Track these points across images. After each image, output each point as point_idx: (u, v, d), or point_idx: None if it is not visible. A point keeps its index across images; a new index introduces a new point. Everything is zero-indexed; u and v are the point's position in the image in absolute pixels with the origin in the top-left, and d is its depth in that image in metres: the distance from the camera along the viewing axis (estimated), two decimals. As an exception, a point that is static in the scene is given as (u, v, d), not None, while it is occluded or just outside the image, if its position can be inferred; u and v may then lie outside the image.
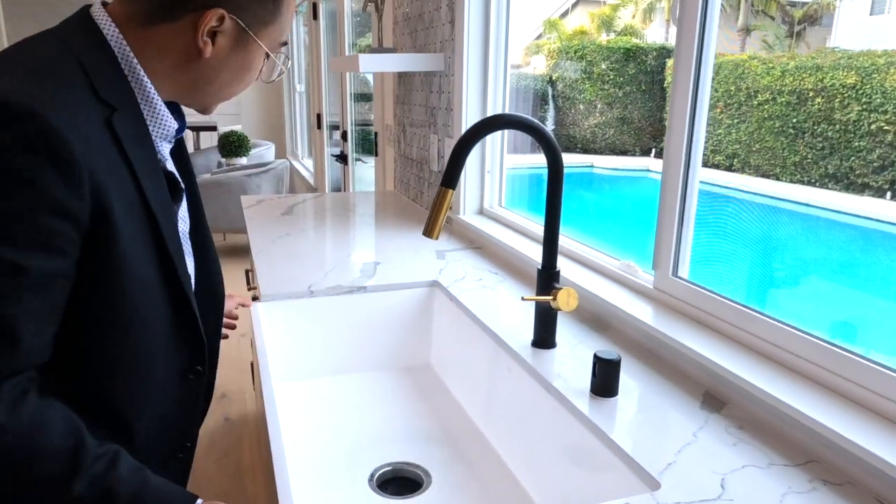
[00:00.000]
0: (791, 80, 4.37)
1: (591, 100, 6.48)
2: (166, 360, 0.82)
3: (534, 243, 1.67)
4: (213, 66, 0.80)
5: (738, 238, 4.54)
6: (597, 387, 1.00)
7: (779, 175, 4.43)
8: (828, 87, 4.17)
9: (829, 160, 4.14)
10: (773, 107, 4.43)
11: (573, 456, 0.99)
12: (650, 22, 8.07)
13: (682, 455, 0.85)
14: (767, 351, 1.02)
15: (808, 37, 6.18)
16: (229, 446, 2.55)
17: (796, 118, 4.32)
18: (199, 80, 0.81)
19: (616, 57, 6.43)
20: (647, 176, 6.22)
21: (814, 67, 4.30)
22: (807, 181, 4.26)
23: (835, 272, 4.33)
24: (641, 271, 1.34)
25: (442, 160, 2.11)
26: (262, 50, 0.82)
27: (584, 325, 1.28)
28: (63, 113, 0.65)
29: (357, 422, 1.33)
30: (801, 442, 0.87)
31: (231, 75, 0.82)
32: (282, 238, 1.88)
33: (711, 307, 1.13)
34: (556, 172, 1.12)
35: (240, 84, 0.85)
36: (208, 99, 0.85)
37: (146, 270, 0.76)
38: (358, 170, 3.75)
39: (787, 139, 4.38)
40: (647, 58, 6.36)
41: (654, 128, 6.27)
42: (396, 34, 2.49)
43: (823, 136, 4.14)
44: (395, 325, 1.54)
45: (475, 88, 1.89)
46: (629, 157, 6.35)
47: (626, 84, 6.42)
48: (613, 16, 8.16)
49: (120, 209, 0.70)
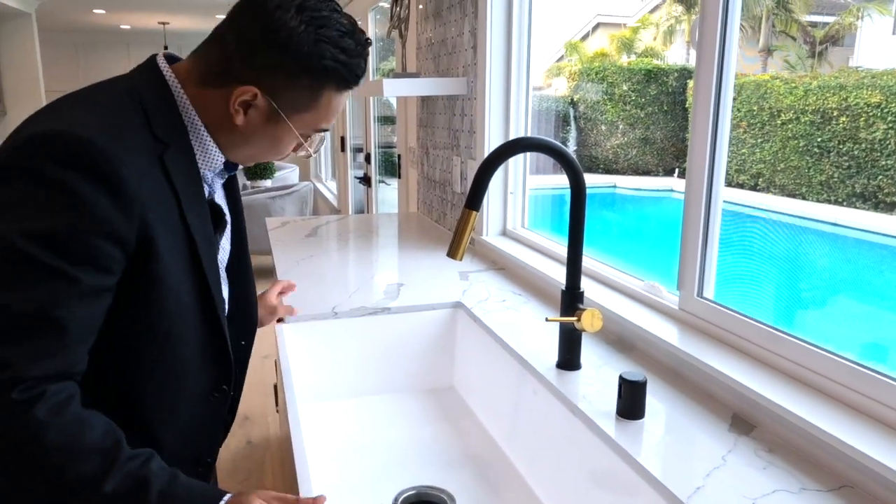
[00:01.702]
0: (814, 100, 4.34)
1: (613, 121, 6.49)
2: (195, 379, 0.87)
3: (557, 264, 1.67)
4: (246, 135, 0.86)
5: (764, 258, 4.48)
6: (623, 409, 0.99)
7: (805, 194, 4.38)
8: (852, 106, 4.13)
9: (855, 179, 4.08)
10: (797, 126, 4.40)
11: (599, 479, 0.98)
12: (671, 44, 8.08)
13: (711, 479, 0.84)
14: (796, 373, 1.01)
15: (830, 56, 6.14)
16: (251, 469, 2.55)
17: (821, 137, 4.28)
18: (235, 143, 0.88)
19: (637, 78, 6.45)
20: (670, 196, 6.18)
21: (837, 87, 4.27)
22: (833, 200, 4.21)
23: (863, 292, 4.24)
24: (666, 292, 1.33)
25: (465, 182, 2.13)
26: (292, 131, 0.86)
27: (609, 346, 1.27)
28: (121, 147, 0.72)
29: (380, 444, 1.33)
30: (833, 466, 0.85)
31: (262, 146, 0.89)
32: (305, 259, 1.90)
33: (737, 328, 1.12)
34: (578, 194, 1.12)
35: (272, 154, 0.91)
36: (242, 159, 0.92)
37: (183, 293, 0.81)
38: (381, 192, 3.79)
39: (812, 158, 4.34)
40: (669, 79, 6.36)
41: (676, 148, 6.25)
42: (420, 59, 2.53)
43: (849, 155, 4.09)
44: (419, 346, 1.54)
45: (497, 111, 1.91)
46: (652, 177, 6.33)
47: (647, 105, 6.43)
48: (634, 38, 8.19)
49: (163, 235, 0.76)
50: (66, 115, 0.73)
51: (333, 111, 0.88)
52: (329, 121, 0.89)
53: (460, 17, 2.08)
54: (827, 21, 6.13)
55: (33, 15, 6.58)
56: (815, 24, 6.25)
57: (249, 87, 0.81)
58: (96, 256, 0.70)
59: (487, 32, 1.86)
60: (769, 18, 6.53)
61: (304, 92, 0.84)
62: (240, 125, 0.84)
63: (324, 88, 0.84)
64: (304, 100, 0.84)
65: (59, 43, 8.53)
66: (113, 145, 0.71)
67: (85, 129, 0.70)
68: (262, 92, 0.82)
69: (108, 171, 0.69)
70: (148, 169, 0.75)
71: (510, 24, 1.86)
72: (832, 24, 6.07)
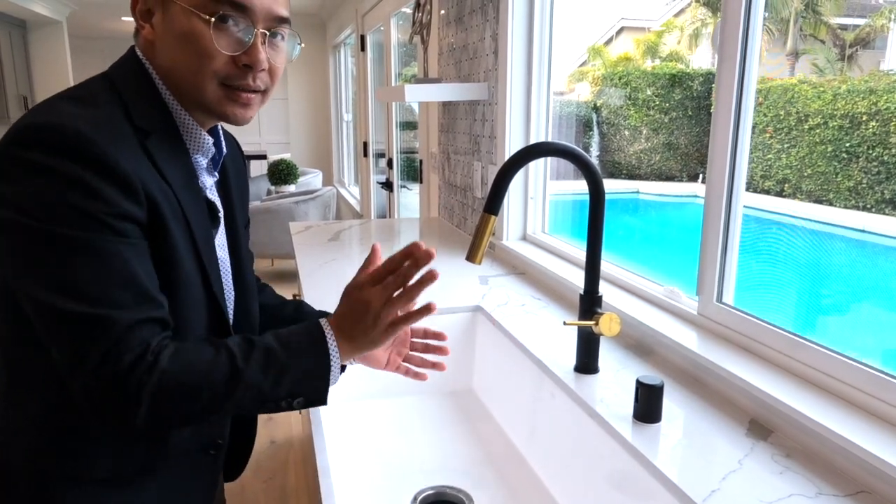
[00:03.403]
0: (843, 104, 4.28)
1: (637, 126, 6.45)
2: None
3: (577, 269, 1.68)
4: (164, 49, 0.81)
5: (789, 264, 4.42)
6: (640, 412, 1.00)
7: (832, 200, 4.31)
8: (882, 111, 4.06)
9: (885, 185, 4.01)
10: (825, 131, 4.34)
11: (616, 482, 0.99)
12: (696, 47, 8.01)
13: (727, 482, 0.84)
14: (815, 378, 1.00)
15: (860, 60, 6.04)
16: (275, 469, 2.59)
17: (849, 142, 4.22)
18: (167, 68, 0.82)
19: (661, 83, 6.41)
20: (693, 202, 6.13)
21: (867, 91, 4.20)
22: (862, 206, 4.14)
23: (890, 299, 4.16)
24: (685, 297, 1.33)
25: (485, 187, 2.15)
26: (185, 10, 0.77)
27: (628, 350, 1.28)
28: (111, 138, 0.72)
29: (400, 445, 1.35)
30: (850, 472, 0.85)
31: (179, 50, 0.79)
32: (328, 263, 1.93)
33: (757, 334, 1.12)
34: (597, 199, 1.13)
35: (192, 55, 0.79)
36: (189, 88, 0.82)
37: (189, 270, 0.81)
38: (402, 196, 3.82)
39: (839, 164, 4.27)
40: (693, 83, 6.31)
41: (700, 153, 6.19)
42: (441, 64, 2.55)
43: (879, 161, 4.02)
44: (439, 348, 1.56)
45: (518, 116, 1.93)
46: (675, 182, 6.28)
47: (671, 110, 6.38)
48: (658, 42, 8.13)
49: (170, 218, 0.78)
50: (46, 109, 0.73)
51: None
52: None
53: (482, 22, 2.10)
54: (857, 24, 6.03)
55: (64, 23, 6.74)
56: (846, 26, 6.15)
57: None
58: (121, 235, 0.71)
59: (508, 38, 1.88)
60: (797, 21, 6.44)
61: None
62: (152, 39, 0.80)
63: None
64: None
65: (89, 50, 8.72)
66: (100, 134, 0.71)
67: (69, 119, 0.71)
68: None
69: (103, 161, 0.70)
70: (136, 156, 0.75)
71: (531, 29, 1.88)
72: (863, 26, 5.97)
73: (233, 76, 0.81)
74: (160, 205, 0.76)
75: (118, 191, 0.71)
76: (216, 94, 0.81)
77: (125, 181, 0.72)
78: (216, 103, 0.82)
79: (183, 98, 0.83)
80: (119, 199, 0.71)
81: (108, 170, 0.70)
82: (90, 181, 0.69)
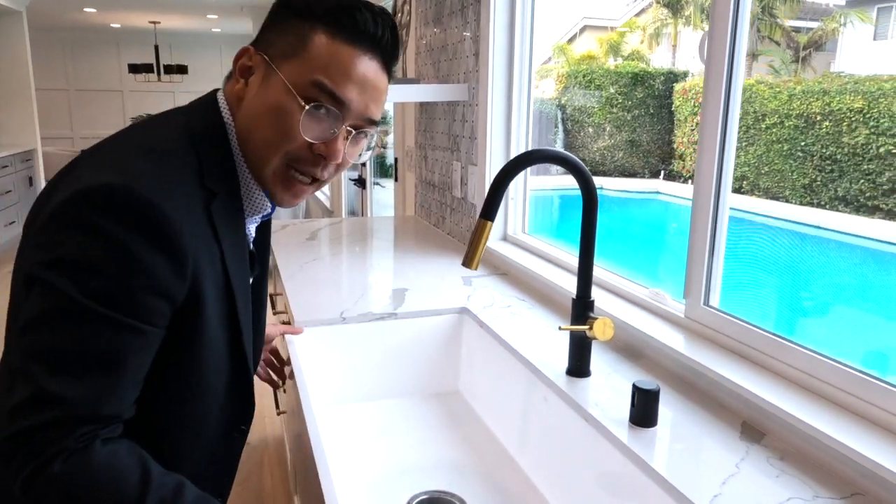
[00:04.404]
0: (798, 104, 4.42)
1: (600, 123, 6.54)
2: (217, 420, 0.87)
3: (560, 270, 1.69)
4: (250, 109, 0.80)
5: (748, 260, 4.55)
6: (636, 417, 1.02)
7: (788, 197, 4.45)
8: (835, 111, 4.20)
9: (838, 183, 4.16)
10: (781, 130, 4.47)
11: (613, 486, 1.01)
12: (657, 46, 8.16)
13: (727, 487, 0.86)
14: (802, 381, 1.04)
15: (813, 62, 6.24)
16: (250, 470, 2.55)
17: (804, 141, 4.36)
18: (246, 129, 0.81)
19: (624, 81, 6.51)
20: (656, 198, 6.26)
21: (820, 92, 4.34)
22: (816, 203, 4.29)
23: (845, 295, 4.33)
24: (671, 299, 1.36)
25: (465, 186, 2.15)
26: (284, 85, 0.77)
27: (617, 353, 1.30)
28: (176, 204, 0.71)
29: (390, 447, 1.34)
30: (844, 474, 0.88)
31: (264, 118, 0.79)
32: (308, 264, 1.91)
33: (744, 336, 1.15)
34: (590, 204, 1.14)
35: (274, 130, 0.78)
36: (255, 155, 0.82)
37: (219, 340, 0.81)
38: (375, 193, 3.80)
39: (795, 162, 4.41)
40: (655, 82, 6.43)
41: (662, 150, 6.32)
42: (419, 64, 2.54)
43: (832, 159, 4.17)
44: (425, 351, 1.56)
45: (500, 118, 1.93)
46: (638, 179, 6.39)
47: (634, 108, 6.49)
48: (620, 41, 8.25)
49: (208, 290, 0.76)
50: (122, 165, 0.72)
51: (332, 62, 0.77)
52: (330, 75, 0.77)
53: (462, 23, 2.10)
54: (811, 27, 6.23)
55: (24, 13, 6.48)
56: (799, 29, 6.35)
57: (246, 48, 0.80)
58: (150, 313, 0.70)
59: (490, 40, 1.88)
60: (754, 23, 6.62)
61: (291, 37, 0.78)
62: (242, 96, 0.80)
63: (313, 31, 0.77)
64: (292, 45, 0.77)
65: (50, 42, 8.43)
66: (169, 202, 0.70)
67: (141, 183, 0.69)
68: (255, 48, 0.79)
69: (166, 233, 0.69)
70: (198, 222, 0.74)
71: (513, 32, 1.88)
72: (815, 29, 6.18)
73: (302, 160, 0.81)
74: (204, 280, 0.75)
75: (168, 264, 0.70)
76: (277, 170, 0.81)
77: (180, 255, 0.71)
78: (271, 179, 0.82)
79: (249, 162, 0.83)
80: (166, 273, 0.70)
81: (166, 241, 0.69)
82: (141, 252, 0.68)
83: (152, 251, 0.69)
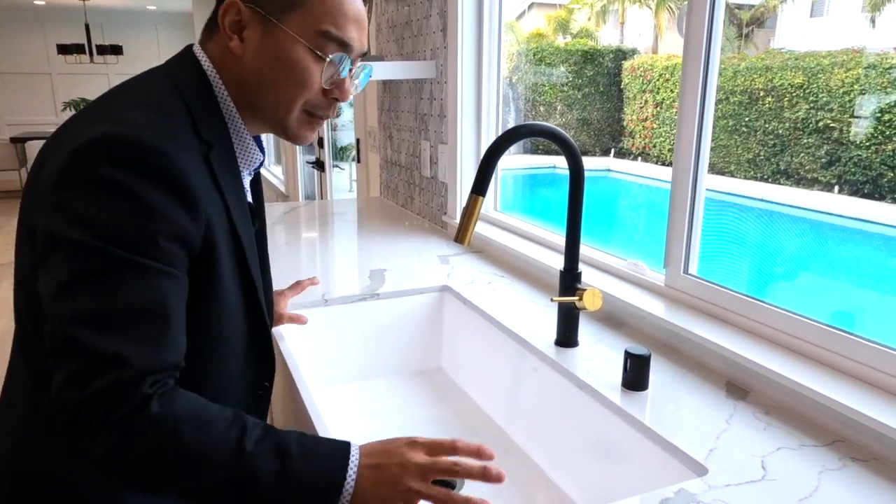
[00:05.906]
0: (742, 81, 4.56)
1: (552, 102, 6.61)
2: (240, 377, 0.87)
3: (534, 245, 1.73)
4: (252, 65, 0.79)
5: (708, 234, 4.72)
6: (629, 381, 1.06)
7: (733, 172, 4.61)
8: (777, 87, 4.36)
9: (780, 157, 4.33)
10: (727, 106, 4.61)
11: (609, 449, 1.05)
12: (604, 24, 8.26)
13: (722, 441, 0.91)
14: (777, 338, 1.10)
15: (755, 38, 6.45)
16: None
17: (748, 117, 4.51)
18: (250, 83, 0.81)
19: (574, 59, 6.58)
20: (607, 175, 6.39)
21: (763, 68, 4.49)
22: (760, 177, 4.46)
23: (787, 259, 4.53)
24: (649, 270, 1.40)
25: (435, 166, 2.15)
26: (291, 38, 0.77)
27: (600, 323, 1.34)
28: (181, 151, 0.71)
29: (380, 427, 1.36)
30: (824, 423, 0.94)
31: (274, 72, 0.79)
32: (280, 247, 1.88)
33: (721, 300, 1.20)
34: (577, 177, 1.17)
35: (290, 83, 0.79)
36: (271, 107, 0.82)
37: (233, 292, 0.81)
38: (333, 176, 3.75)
39: (740, 137, 4.57)
40: (605, 60, 6.52)
41: (612, 128, 6.43)
42: (380, 41, 2.51)
43: (774, 134, 4.33)
44: (407, 330, 1.57)
45: (470, 95, 1.94)
46: (590, 157, 6.50)
47: (584, 86, 6.57)
48: (569, 18, 8.32)
49: (220, 237, 0.76)
50: (119, 115, 0.71)
51: (333, 8, 0.78)
52: (334, 21, 0.78)
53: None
54: (753, 3, 6.41)
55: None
56: (741, 6, 6.54)
57: (232, 3, 0.77)
58: (173, 258, 0.69)
59: (459, 15, 1.88)
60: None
61: None
62: (244, 56, 0.78)
63: None
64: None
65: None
66: (173, 147, 0.70)
67: (143, 130, 0.69)
68: (242, 1, 0.77)
69: (178, 179, 0.69)
70: (201, 170, 0.74)
71: (481, 7, 1.88)
72: (758, 6, 6.37)
73: (321, 106, 0.84)
74: (214, 226, 0.75)
75: (183, 209, 0.70)
76: (299, 119, 0.84)
77: (193, 199, 0.71)
78: (295, 127, 0.84)
79: (255, 114, 0.83)
80: (182, 216, 0.69)
81: (177, 186, 0.69)
82: (156, 199, 0.67)
83: (169, 197, 0.68)
